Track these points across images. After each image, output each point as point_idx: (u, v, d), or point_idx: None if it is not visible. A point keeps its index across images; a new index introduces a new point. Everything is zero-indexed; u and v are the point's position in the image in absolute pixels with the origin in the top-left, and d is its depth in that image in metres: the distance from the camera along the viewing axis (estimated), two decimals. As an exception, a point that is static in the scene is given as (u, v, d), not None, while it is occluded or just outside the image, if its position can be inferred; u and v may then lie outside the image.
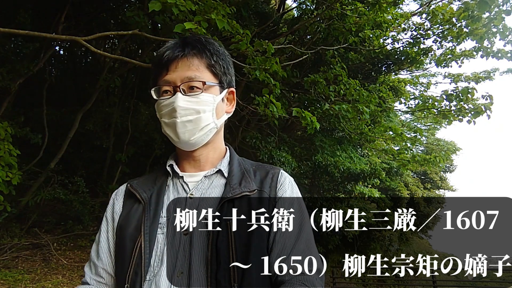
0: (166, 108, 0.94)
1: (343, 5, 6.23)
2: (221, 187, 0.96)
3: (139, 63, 3.96)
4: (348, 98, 5.95)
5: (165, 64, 0.94)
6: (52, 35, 4.58)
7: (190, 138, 0.94)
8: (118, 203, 1.02)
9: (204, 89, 0.94)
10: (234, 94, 1.06)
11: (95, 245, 1.03)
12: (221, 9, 3.32)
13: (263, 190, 0.94)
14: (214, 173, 0.99)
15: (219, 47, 1.00)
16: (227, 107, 1.04)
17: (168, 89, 0.94)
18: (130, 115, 8.30)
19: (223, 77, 0.99)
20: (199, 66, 0.94)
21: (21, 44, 6.47)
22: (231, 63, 1.03)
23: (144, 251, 0.88)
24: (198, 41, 0.97)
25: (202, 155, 1.00)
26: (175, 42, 0.98)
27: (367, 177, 9.61)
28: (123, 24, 7.32)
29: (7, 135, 4.39)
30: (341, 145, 9.25)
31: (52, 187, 6.43)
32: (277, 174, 0.99)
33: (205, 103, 0.94)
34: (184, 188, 0.97)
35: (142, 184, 1.01)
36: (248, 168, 1.01)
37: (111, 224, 1.00)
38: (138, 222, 0.92)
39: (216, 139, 1.02)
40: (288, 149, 8.14)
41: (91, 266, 1.01)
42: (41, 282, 4.96)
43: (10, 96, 5.83)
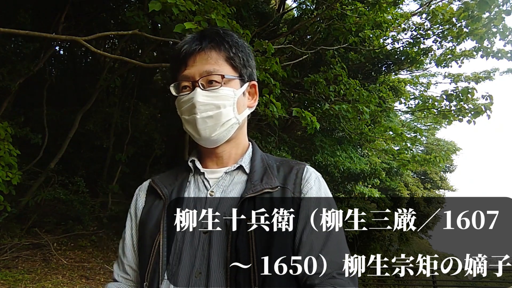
0: (186, 104, 0.91)
1: (343, 5, 6.23)
2: (242, 184, 0.92)
3: (139, 63, 3.96)
4: (348, 98, 5.95)
5: (183, 59, 0.91)
6: (52, 35, 4.59)
7: (211, 134, 0.91)
8: (140, 199, 1.00)
9: (224, 83, 0.90)
10: (256, 87, 1.01)
11: (121, 242, 1.01)
12: (221, 9, 3.32)
13: (286, 187, 0.89)
14: (235, 169, 0.95)
15: (238, 39, 0.96)
16: (249, 101, 0.99)
17: (187, 84, 0.91)
18: (130, 115, 8.30)
19: (243, 69, 0.95)
20: (218, 59, 0.91)
21: (21, 44, 6.47)
22: (251, 55, 0.99)
23: (162, 249, 0.86)
24: (216, 34, 0.93)
25: (224, 151, 0.97)
26: (192, 36, 0.95)
27: (367, 177, 9.61)
28: (123, 24, 7.32)
29: (7, 135, 4.39)
30: (341, 145, 9.25)
31: (52, 187, 6.43)
32: (302, 170, 0.93)
33: (225, 97, 0.90)
34: (205, 185, 0.94)
35: (163, 180, 0.98)
36: (272, 164, 0.96)
37: (134, 220, 0.99)
38: (158, 218, 0.90)
39: (239, 134, 0.98)
40: (288, 149, 8.15)
41: (118, 263, 1.00)
42: (41, 282, 4.96)
43: (10, 96, 5.84)
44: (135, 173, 8.54)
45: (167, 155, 9.64)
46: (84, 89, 8.61)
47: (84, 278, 5.37)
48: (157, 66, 5.80)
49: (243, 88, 0.95)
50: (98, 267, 5.83)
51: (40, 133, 6.34)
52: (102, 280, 5.44)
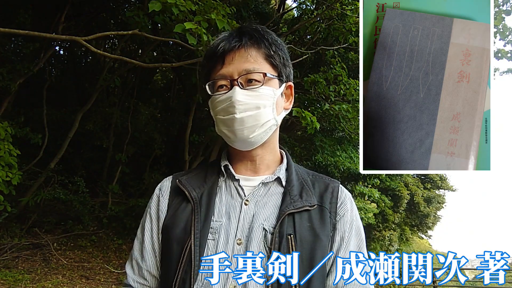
0: (223, 104, 0.86)
1: (343, 5, 6.23)
2: (278, 196, 0.89)
3: (139, 63, 3.95)
4: (348, 98, 5.94)
5: (221, 56, 0.86)
6: (52, 35, 4.58)
7: (249, 135, 0.86)
8: (163, 200, 0.92)
9: (265, 81, 0.86)
10: (292, 89, 0.97)
11: (138, 244, 0.94)
12: (221, 9, 3.32)
13: (323, 206, 0.88)
14: (272, 180, 0.91)
15: (276, 37, 0.92)
16: (285, 103, 0.95)
17: (224, 83, 0.86)
18: (130, 115, 8.30)
19: (283, 69, 0.91)
20: (257, 57, 0.86)
21: (21, 44, 6.48)
22: (288, 54, 0.95)
23: (194, 258, 0.80)
24: (255, 30, 0.89)
25: (258, 156, 0.92)
26: (230, 32, 0.90)
27: (367, 177, 9.60)
28: (123, 24, 7.32)
29: (7, 135, 4.38)
30: (341, 145, 9.24)
31: (52, 187, 6.43)
32: (337, 189, 0.92)
33: (266, 97, 0.86)
34: (239, 193, 0.90)
35: (191, 181, 0.92)
36: (306, 178, 0.94)
37: (156, 222, 0.92)
38: (187, 223, 0.84)
39: (273, 139, 0.95)
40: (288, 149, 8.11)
41: (133, 266, 0.94)
42: (41, 282, 4.96)
43: (10, 96, 5.83)
44: (135, 173, 8.54)
45: (167, 155, 9.64)
46: (84, 89, 8.62)
47: (84, 278, 5.37)
48: (157, 66, 5.80)
49: (282, 88, 0.92)
50: (98, 267, 5.83)
51: (40, 133, 6.33)
52: (102, 280, 5.44)
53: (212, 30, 3.32)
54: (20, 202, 5.75)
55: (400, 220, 15.85)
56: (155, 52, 8.02)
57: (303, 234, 0.82)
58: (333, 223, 0.87)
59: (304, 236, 0.82)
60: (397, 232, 16.16)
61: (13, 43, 6.60)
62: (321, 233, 0.83)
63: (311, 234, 0.82)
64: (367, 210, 11.77)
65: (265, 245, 0.81)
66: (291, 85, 0.96)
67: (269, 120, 0.88)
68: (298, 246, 0.80)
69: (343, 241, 0.86)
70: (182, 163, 7.74)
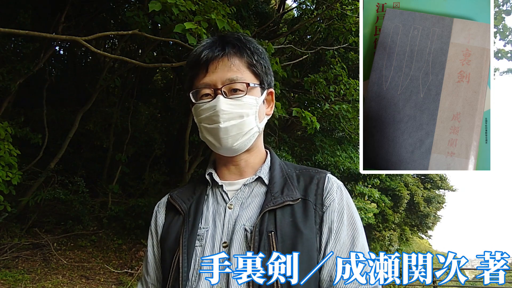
0: (207, 112, 0.87)
1: (343, 5, 6.23)
2: (261, 196, 0.89)
3: (139, 63, 3.95)
4: (348, 98, 5.95)
5: (204, 65, 0.87)
6: (52, 35, 4.58)
7: (233, 144, 0.88)
8: (160, 216, 0.98)
9: (248, 91, 0.87)
10: (273, 94, 0.99)
11: (144, 260, 1.01)
12: (221, 9, 3.32)
13: (307, 199, 0.86)
14: (253, 181, 0.92)
15: (258, 45, 0.93)
16: (267, 109, 0.97)
17: (208, 92, 0.88)
18: (130, 115, 8.30)
19: (264, 77, 0.93)
20: (240, 66, 0.88)
21: (21, 44, 6.47)
22: (269, 62, 0.96)
23: (182, 265, 0.83)
24: (237, 39, 0.91)
25: (243, 160, 0.94)
26: (212, 40, 0.91)
27: (367, 177, 9.60)
28: (123, 24, 7.32)
29: (7, 135, 4.38)
30: (341, 145, 9.24)
31: (52, 187, 6.42)
32: (322, 179, 0.90)
33: (249, 106, 0.88)
34: (224, 198, 0.92)
35: (181, 195, 0.96)
36: (291, 174, 0.93)
37: (155, 237, 0.97)
38: (177, 234, 0.88)
39: (257, 143, 0.96)
40: (288, 149, 8.14)
41: (142, 282, 1.00)
42: (41, 282, 4.96)
43: (10, 96, 5.83)
44: (135, 173, 8.55)
45: (167, 155, 9.64)
46: (84, 89, 8.62)
47: (84, 278, 5.37)
48: (157, 66, 5.80)
49: (263, 96, 0.93)
50: (98, 267, 5.83)
51: (40, 133, 6.33)
52: (102, 280, 5.45)
53: (212, 30, 3.32)
54: (20, 202, 5.75)
55: (400, 220, 15.85)
56: (155, 52, 8.02)
57: (284, 230, 0.81)
58: (320, 215, 0.85)
59: (286, 232, 0.81)
60: (397, 232, 16.16)
61: (13, 43, 6.59)
62: (303, 227, 0.81)
63: (293, 229, 0.81)
64: (367, 210, 11.76)
65: (247, 245, 0.81)
66: (272, 91, 0.98)
67: (252, 128, 0.90)
68: (279, 243, 0.79)
69: (332, 231, 0.84)
70: (182, 163, 7.74)
